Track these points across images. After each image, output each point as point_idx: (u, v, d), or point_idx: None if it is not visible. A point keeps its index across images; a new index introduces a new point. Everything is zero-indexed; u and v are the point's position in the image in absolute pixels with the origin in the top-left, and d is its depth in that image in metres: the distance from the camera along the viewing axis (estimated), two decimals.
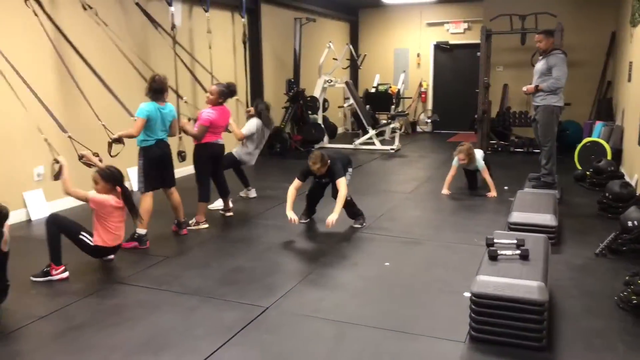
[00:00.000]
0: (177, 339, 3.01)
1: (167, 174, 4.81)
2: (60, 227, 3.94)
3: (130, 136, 4.55)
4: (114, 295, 3.63)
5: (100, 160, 4.31)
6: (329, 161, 4.88)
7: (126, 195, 4.08)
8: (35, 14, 5.24)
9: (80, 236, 3.98)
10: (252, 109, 6.33)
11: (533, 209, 4.64)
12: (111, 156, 4.56)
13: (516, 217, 4.51)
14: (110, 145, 4.57)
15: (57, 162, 4.06)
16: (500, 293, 2.83)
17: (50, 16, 5.41)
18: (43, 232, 4.99)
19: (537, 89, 5.87)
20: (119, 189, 4.08)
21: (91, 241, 3.99)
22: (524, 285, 2.82)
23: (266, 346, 2.95)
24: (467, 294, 3.26)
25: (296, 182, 5.01)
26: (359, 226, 5.08)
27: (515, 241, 3.31)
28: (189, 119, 5.50)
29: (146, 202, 4.62)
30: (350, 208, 5.16)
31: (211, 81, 7.40)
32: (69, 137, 4.44)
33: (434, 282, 3.81)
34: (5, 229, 3.32)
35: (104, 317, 3.31)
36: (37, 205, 5.55)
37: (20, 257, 4.30)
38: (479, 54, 9.01)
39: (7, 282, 3.39)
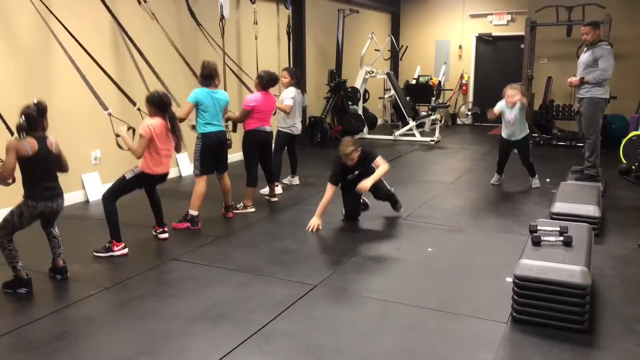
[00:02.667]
0: (232, 311, 3.21)
1: (221, 159, 5.03)
2: (115, 195, 4.17)
3: (180, 120, 4.77)
4: (171, 271, 3.87)
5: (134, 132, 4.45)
6: (360, 147, 4.76)
7: (171, 118, 4.21)
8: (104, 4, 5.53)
9: (125, 176, 4.19)
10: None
11: (576, 200, 4.66)
12: None
13: (559, 207, 4.54)
14: None
15: (118, 135, 4.30)
16: (543, 276, 2.91)
17: (110, 8, 5.68)
18: (101, 212, 5.33)
19: (582, 81, 5.85)
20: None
21: (137, 171, 4.19)
22: (567, 269, 2.91)
23: (315, 320, 3.12)
24: (509, 279, 3.36)
25: (330, 189, 4.80)
26: (398, 211, 5.13)
27: (558, 228, 3.38)
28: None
29: (200, 186, 4.84)
30: (390, 199, 5.14)
31: (256, 70, 7.63)
32: (109, 114, 4.64)
33: (476, 267, 3.91)
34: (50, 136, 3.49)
35: (163, 290, 3.54)
36: (94, 187, 5.87)
37: (81, 235, 4.63)
38: (522, 45, 8.95)
39: (59, 185, 3.58)
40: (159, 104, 4.19)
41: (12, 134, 4.11)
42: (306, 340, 2.89)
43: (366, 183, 4.71)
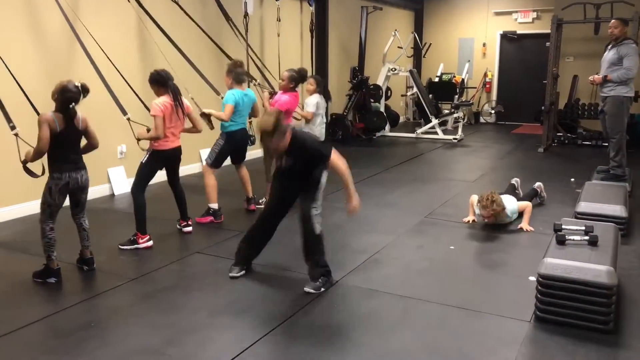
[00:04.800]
0: (255, 304, 3.25)
1: (241, 154, 5.08)
2: (137, 184, 4.25)
3: (220, 119, 4.83)
4: (195, 264, 3.92)
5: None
6: (286, 128, 3.28)
7: (174, 92, 4.22)
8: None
9: (142, 162, 4.28)
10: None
11: (602, 200, 4.60)
12: (211, 128, 4.85)
13: (584, 207, 4.48)
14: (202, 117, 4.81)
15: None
16: (568, 275, 2.89)
17: (141, 3, 5.75)
18: (126, 205, 5.43)
19: (605, 80, 5.77)
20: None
21: (149, 152, 4.25)
22: (592, 268, 2.88)
23: (338, 314, 3.14)
24: (532, 278, 3.34)
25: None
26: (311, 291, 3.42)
27: (583, 228, 3.35)
28: (271, 93, 5.66)
29: (211, 179, 4.88)
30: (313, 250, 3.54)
31: (278, 67, 7.67)
32: (128, 119, 4.71)
33: (499, 266, 3.89)
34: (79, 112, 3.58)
35: (188, 282, 3.60)
36: (120, 180, 5.97)
37: (106, 228, 4.71)
38: (548, 43, 8.83)
39: (82, 160, 3.67)
40: (160, 80, 4.21)
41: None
42: (328, 334, 2.91)
43: (354, 204, 3.48)
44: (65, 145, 3.50)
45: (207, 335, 2.87)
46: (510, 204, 4.68)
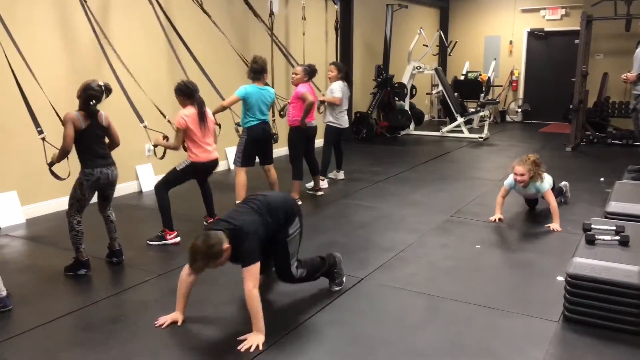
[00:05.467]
0: (279, 300, 3.28)
1: (266, 152, 5.12)
2: (168, 186, 4.30)
3: (222, 108, 4.90)
4: None
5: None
6: (220, 246, 2.74)
7: (199, 104, 4.25)
8: (151, 3, 5.69)
9: (177, 168, 4.33)
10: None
11: (633, 199, 4.49)
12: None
13: (614, 206, 4.39)
14: None
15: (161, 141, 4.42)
16: (597, 275, 2.85)
17: (162, 6, 5.84)
18: (153, 202, 5.51)
19: (639, 77, 5.66)
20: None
21: (187, 163, 4.31)
22: (623, 269, 2.83)
23: (362, 312, 3.15)
24: (560, 279, 3.30)
25: (187, 270, 3.00)
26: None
27: (614, 227, 3.29)
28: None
29: (240, 177, 4.96)
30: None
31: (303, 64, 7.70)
32: (145, 127, 4.72)
33: (526, 265, 3.85)
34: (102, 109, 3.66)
35: (214, 277, 3.62)
36: (147, 178, 6.07)
37: (135, 224, 4.80)
38: (577, 41, 8.68)
39: (110, 155, 3.75)
40: (186, 91, 4.25)
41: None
42: (353, 331, 2.92)
43: (260, 341, 2.76)
44: (92, 141, 3.59)
45: (235, 330, 2.90)
46: (546, 179, 4.69)
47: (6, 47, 4.29)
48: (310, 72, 5.51)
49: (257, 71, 4.95)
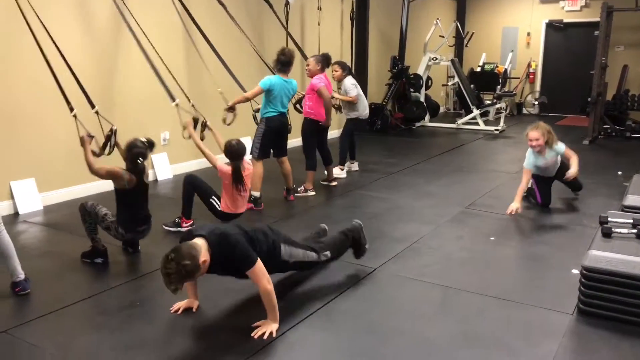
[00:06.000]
0: (294, 289, 3.29)
1: (281, 144, 5.13)
2: (195, 187, 4.32)
3: (245, 99, 4.92)
4: None
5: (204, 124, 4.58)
6: (203, 259, 2.58)
7: (235, 171, 4.20)
8: None
9: (211, 200, 4.34)
10: None
11: None
12: (226, 124, 4.93)
13: (632, 200, 4.33)
14: (227, 112, 4.93)
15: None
16: (613, 268, 2.82)
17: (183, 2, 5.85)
18: (169, 190, 5.57)
19: None
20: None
21: (219, 206, 4.34)
22: (639, 262, 2.80)
23: (376, 301, 3.16)
24: (575, 271, 3.28)
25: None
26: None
27: (631, 221, 3.26)
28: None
29: (258, 168, 4.96)
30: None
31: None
32: (176, 104, 4.77)
33: (541, 258, 3.83)
34: (146, 163, 3.72)
35: None
36: (163, 166, 6.12)
37: (151, 212, 4.80)
38: (596, 32, 8.54)
39: (149, 213, 3.83)
40: (228, 153, 4.24)
41: (93, 106, 4.38)
42: (367, 320, 2.93)
43: (273, 328, 2.76)
44: (135, 203, 3.66)
45: (250, 317, 2.92)
46: (560, 145, 4.79)
47: (29, 31, 4.31)
48: (323, 60, 5.50)
49: (285, 63, 4.96)
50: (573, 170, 4.73)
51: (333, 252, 3.36)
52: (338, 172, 6.06)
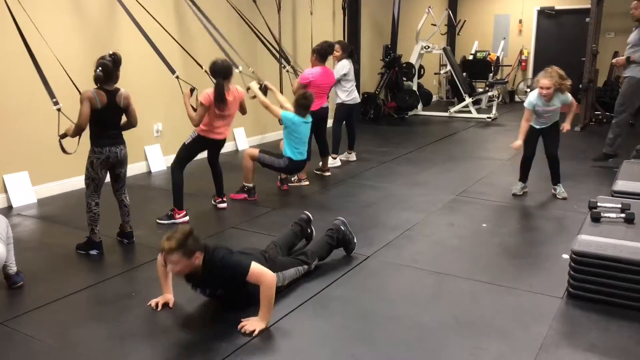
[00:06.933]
0: None
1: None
2: (177, 162, 4.35)
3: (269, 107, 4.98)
4: (231, 238, 4.02)
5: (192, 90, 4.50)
6: (198, 253, 2.70)
7: (217, 88, 4.21)
8: None
9: (185, 143, 4.38)
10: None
11: None
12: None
13: (621, 185, 4.38)
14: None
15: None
16: (602, 252, 2.87)
17: None
18: (162, 182, 5.57)
19: (628, 61, 5.77)
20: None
21: (194, 135, 4.35)
22: (628, 246, 2.85)
23: (368, 288, 3.20)
24: (566, 256, 3.32)
25: (161, 257, 2.90)
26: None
27: (620, 205, 3.30)
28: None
29: (247, 162, 4.96)
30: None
31: (311, 45, 7.67)
32: (177, 77, 4.75)
33: (532, 243, 3.88)
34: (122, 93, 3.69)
35: None
36: (156, 158, 6.12)
37: (144, 203, 4.86)
38: (588, 19, 8.56)
39: (122, 136, 3.80)
40: (221, 72, 4.26)
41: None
42: (360, 306, 2.97)
43: (257, 326, 2.70)
44: (105, 122, 3.61)
45: (242, 307, 2.96)
46: (568, 95, 4.76)
47: (18, 19, 4.28)
48: (319, 50, 5.50)
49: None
50: (567, 126, 4.88)
51: (322, 255, 3.43)
52: (331, 161, 6.08)
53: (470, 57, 11.41)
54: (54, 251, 3.78)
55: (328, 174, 5.84)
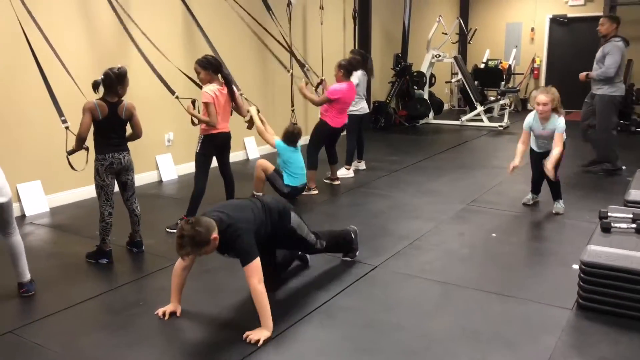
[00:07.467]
0: (295, 286, 3.33)
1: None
2: (197, 173, 4.39)
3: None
4: None
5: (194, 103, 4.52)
6: (213, 235, 2.69)
7: (227, 79, 4.35)
8: None
9: (197, 152, 4.38)
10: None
11: None
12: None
13: (635, 194, 4.32)
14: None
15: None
16: (612, 263, 2.83)
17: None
18: (173, 191, 5.61)
19: (587, 77, 5.98)
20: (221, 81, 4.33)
21: (200, 139, 4.35)
22: (638, 257, 2.81)
23: (376, 298, 3.19)
24: (576, 267, 3.28)
25: (179, 262, 2.99)
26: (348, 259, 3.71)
27: (631, 215, 3.26)
28: (306, 83, 5.87)
29: (259, 172, 5.05)
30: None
31: (321, 55, 7.71)
32: (176, 97, 4.77)
33: (542, 254, 3.84)
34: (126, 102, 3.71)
35: (231, 265, 3.67)
36: (167, 167, 6.17)
37: (155, 212, 4.89)
38: None
39: (126, 145, 3.81)
40: (215, 65, 4.30)
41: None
42: (367, 316, 2.96)
43: (263, 336, 2.70)
44: (107, 132, 3.65)
45: (251, 316, 2.96)
46: (563, 120, 4.54)
47: (29, 34, 4.35)
48: (346, 67, 5.52)
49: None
50: (548, 166, 4.41)
51: (328, 243, 3.47)
52: (344, 172, 6.08)
53: (482, 66, 11.37)
54: (64, 260, 3.82)
55: (337, 182, 5.84)
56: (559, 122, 4.53)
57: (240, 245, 2.78)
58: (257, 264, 2.78)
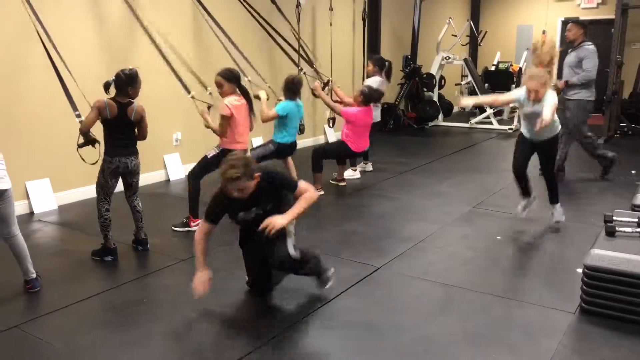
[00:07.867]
0: (297, 286, 3.32)
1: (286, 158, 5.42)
2: (196, 171, 4.38)
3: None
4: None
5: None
6: (256, 173, 2.87)
7: (244, 92, 4.40)
8: None
9: (207, 156, 4.38)
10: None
11: None
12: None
13: None
14: None
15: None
16: (616, 267, 2.81)
17: None
18: (180, 190, 5.64)
19: (567, 84, 5.92)
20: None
21: (217, 150, 4.36)
22: None
23: (378, 299, 3.19)
24: (580, 270, 3.26)
25: (203, 226, 3.09)
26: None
27: (636, 220, 3.23)
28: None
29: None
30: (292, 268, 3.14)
31: (330, 57, 7.72)
32: (192, 97, 4.80)
33: (546, 257, 3.82)
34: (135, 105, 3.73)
35: (233, 265, 3.70)
36: (175, 167, 6.20)
37: (161, 211, 4.93)
38: (613, 30, 8.43)
39: (135, 147, 3.85)
40: (236, 77, 4.34)
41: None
42: (367, 317, 2.96)
43: (278, 221, 2.86)
44: (116, 133, 3.68)
45: (251, 315, 2.98)
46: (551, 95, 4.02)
47: (42, 33, 4.40)
48: (368, 96, 5.53)
49: (296, 92, 5.20)
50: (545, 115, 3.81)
51: (302, 255, 3.12)
52: (351, 173, 6.09)
53: (493, 68, 11.30)
54: (70, 257, 3.86)
55: (343, 184, 5.84)
56: (549, 97, 3.98)
57: (281, 180, 3.02)
58: (303, 182, 3.01)
